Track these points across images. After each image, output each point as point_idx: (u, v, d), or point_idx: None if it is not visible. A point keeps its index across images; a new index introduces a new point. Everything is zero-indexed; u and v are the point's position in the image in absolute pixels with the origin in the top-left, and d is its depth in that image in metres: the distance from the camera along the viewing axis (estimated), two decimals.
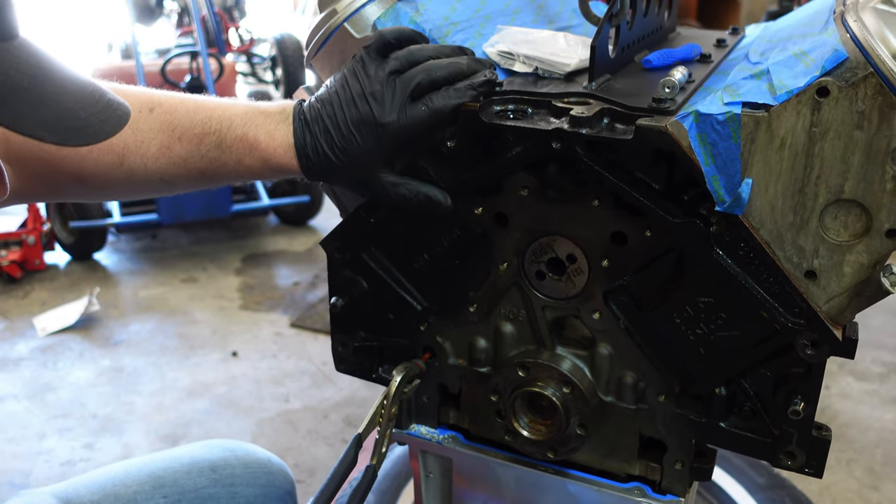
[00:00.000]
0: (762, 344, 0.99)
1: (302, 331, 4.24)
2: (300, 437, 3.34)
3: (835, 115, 0.86)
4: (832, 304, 0.94)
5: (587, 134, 0.95)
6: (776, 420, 1.03)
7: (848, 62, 0.86)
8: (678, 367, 1.05)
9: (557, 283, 1.10)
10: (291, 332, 4.24)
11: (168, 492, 1.31)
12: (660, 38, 1.38)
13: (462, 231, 1.12)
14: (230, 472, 1.38)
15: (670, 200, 0.97)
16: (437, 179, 1.07)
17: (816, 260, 0.93)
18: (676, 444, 1.12)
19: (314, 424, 3.43)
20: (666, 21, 1.40)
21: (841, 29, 0.89)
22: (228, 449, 1.44)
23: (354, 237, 1.17)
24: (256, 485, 1.40)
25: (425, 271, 1.16)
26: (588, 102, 1.00)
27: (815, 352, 0.95)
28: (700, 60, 1.19)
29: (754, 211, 0.94)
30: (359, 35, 1.11)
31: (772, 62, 0.93)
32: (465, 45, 1.16)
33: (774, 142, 0.90)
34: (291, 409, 3.54)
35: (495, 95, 1.04)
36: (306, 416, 3.48)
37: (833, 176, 0.89)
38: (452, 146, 1.05)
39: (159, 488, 1.31)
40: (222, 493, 1.35)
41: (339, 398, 3.61)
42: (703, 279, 0.98)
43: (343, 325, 1.24)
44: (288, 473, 1.52)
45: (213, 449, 1.43)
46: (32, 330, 4.27)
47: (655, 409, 1.11)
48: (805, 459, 1.03)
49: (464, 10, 1.22)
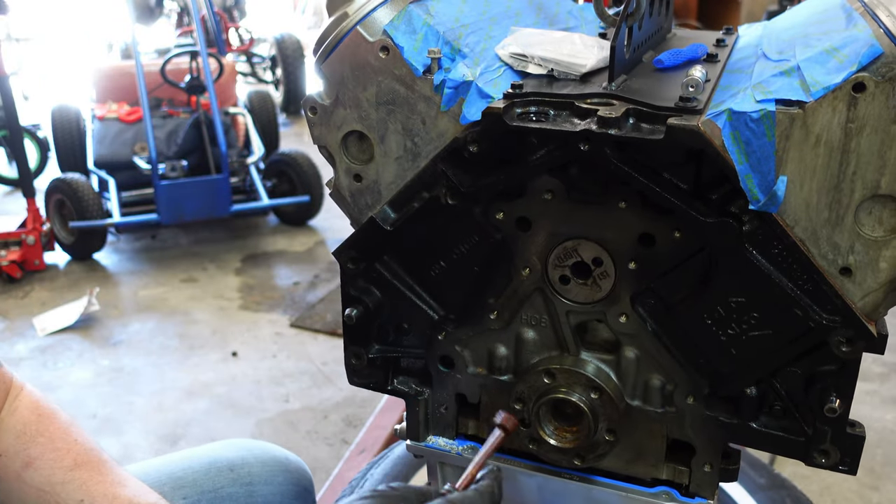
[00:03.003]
0: (795, 342, 0.98)
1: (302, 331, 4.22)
2: (300, 437, 3.31)
3: (871, 111, 0.86)
4: (868, 299, 0.94)
5: (616, 135, 0.94)
6: (809, 418, 1.02)
7: (883, 57, 0.86)
8: (708, 368, 1.04)
9: (583, 288, 1.09)
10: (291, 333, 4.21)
11: (188, 492, 1.30)
12: (660, 38, 1.38)
13: (482, 237, 1.09)
14: (248, 471, 1.36)
15: (700, 200, 0.96)
16: (457, 185, 1.05)
17: (852, 256, 0.93)
18: (705, 447, 1.11)
19: (314, 425, 3.40)
20: (665, 22, 1.40)
21: (873, 24, 0.89)
22: (246, 448, 1.42)
23: (368, 246, 1.14)
24: (274, 483, 1.38)
25: (443, 279, 1.14)
26: (612, 103, 0.99)
27: (851, 348, 0.95)
28: (707, 60, 1.19)
29: (789, 209, 0.93)
30: (372, 39, 1.08)
31: (800, 59, 0.93)
32: (477, 47, 1.14)
33: (809, 138, 0.89)
34: (291, 410, 3.51)
35: (516, 98, 1.02)
36: (306, 417, 3.46)
37: (869, 171, 0.89)
38: (475, 150, 1.02)
39: (179, 489, 1.29)
40: (240, 492, 1.33)
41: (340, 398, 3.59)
42: (736, 279, 0.97)
43: (357, 337, 1.20)
44: (306, 471, 1.50)
45: (231, 448, 1.40)
46: (32, 330, 4.22)
47: (684, 411, 1.10)
48: (839, 457, 1.02)
49: (470, 12, 1.20)
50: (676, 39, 1.44)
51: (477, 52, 1.12)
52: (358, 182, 1.15)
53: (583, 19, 1.44)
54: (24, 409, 1.07)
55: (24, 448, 1.04)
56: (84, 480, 1.04)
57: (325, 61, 1.12)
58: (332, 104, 1.13)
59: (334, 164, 1.16)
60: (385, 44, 1.07)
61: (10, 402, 1.07)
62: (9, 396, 1.06)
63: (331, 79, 1.12)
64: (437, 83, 1.06)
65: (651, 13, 1.24)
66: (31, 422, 1.07)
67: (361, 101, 1.11)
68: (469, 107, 1.05)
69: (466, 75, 1.06)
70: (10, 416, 1.05)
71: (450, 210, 1.08)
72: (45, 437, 1.06)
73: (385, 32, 1.09)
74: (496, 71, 1.10)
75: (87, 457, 1.07)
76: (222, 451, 1.40)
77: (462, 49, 1.11)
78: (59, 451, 1.05)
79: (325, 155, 1.16)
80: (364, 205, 1.17)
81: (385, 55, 1.08)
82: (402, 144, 1.11)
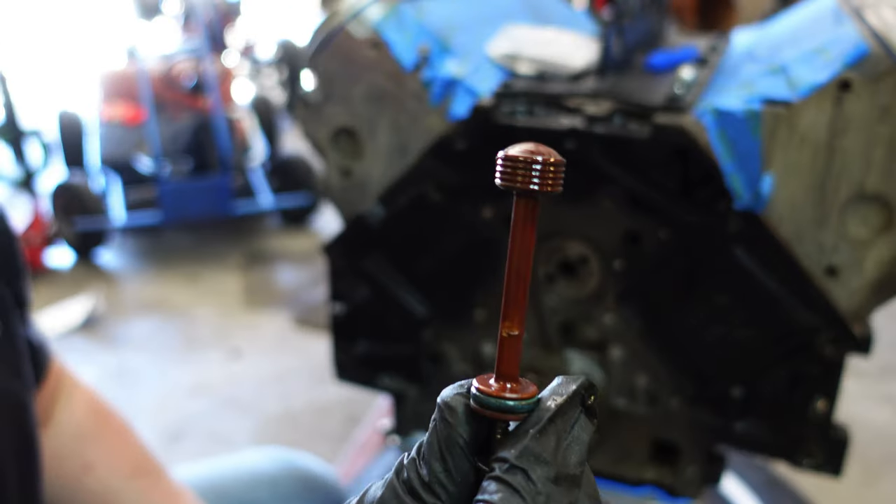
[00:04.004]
0: (780, 343, 0.98)
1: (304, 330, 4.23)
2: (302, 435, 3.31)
3: (857, 110, 0.86)
4: (853, 300, 0.94)
5: (602, 132, 0.94)
6: (793, 420, 1.02)
7: (869, 57, 0.85)
8: (693, 368, 1.04)
9: (569, 286, 1.09)
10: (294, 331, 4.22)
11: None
12: (651, 41, 1.38)
13: (469, 234, 1.10)
14: (289, 488, 1.35)
15: (685, 199, 0.96)
16: (445, 182, 1.05)
17: (837, 256, 0.93)
18: (690, 447, 1.11)
19: (316, 423, 3.40)
20: (656, 25, 1.40)
21: (860, 24, 0.89)
22: (289, 461, 1.41)
23: (356, 243, 1.15)
24: (313, 500, 1.37)
25: (430, 276, 1.14)
26: (599, 102, 0.99)
27: (835, 349, 0.95)
28: (698, 62, 1.19)
29: (774, 208, 0.93)
30: (362, 36, 1.08)
31: (787, 58, 0.93)
32: (467, 45, 1.14)
33: (795, 137, 0.89)
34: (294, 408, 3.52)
35: (504, 96, 1.02)
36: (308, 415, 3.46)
37: (855, 171, 0.88)
38: (462, 147, 1.02)
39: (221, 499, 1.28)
40: None
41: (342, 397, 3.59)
42: (720, 278, 0.97)
43: (345, 333, 1.21)
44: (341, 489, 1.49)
45: (274, 461, 1.40)
46: None
47: (669, 411, 1.10)
48: (823, 459, 1.02)
49: (461, 10, 1.21)
50: (670, 42, 1.45)
51: (467, 50, 1.12)
52: (347, 178, 1.15)
53: (574, 20, 1.45)
54: (80, 409, 1.03)
55: (83, 451, 1.01)
56: (143, 489, 1.02)
57: (316, 57, 1.13)
58: (322, 100, 1.13)
59: (324, 159, 1.17)
60: (375, 41, 1.08)
61: (65, 400, 1.02)
62: (63, 394, 1.02)
63: (322, 75, 1.13)
64: (427, 80, 1.06)
65: (642, 15, 1.25)
66: (88, 423, 1.03)
67: (351, 98, 1.11)
68: (457, 104, 1.05)
69: (455, 73, 1.06)
70: (66, 416, 1.01)
71: (437, 207, 1.08)
72: (104, 440, 1.03)
73: (375, 29, 1.09)
74: (485, 69, 1.10)
75: (144, 464, 1.05)
76: (266, 464, 1.39)
77: (452, 47, 1.11)
78: (118, 456, 1.03)
79: (316, 150, 1.17)
80: (353, 201, 1.17)
81: (375, 52, 1.08)
82: (390, 141, 1.11)
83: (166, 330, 4.35)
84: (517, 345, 0.39)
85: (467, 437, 0.38)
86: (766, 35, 1.20)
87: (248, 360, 4.02)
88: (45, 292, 4.75)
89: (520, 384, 0.39)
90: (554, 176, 0.36)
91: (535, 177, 0.36)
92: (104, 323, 4.40)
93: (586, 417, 0.38)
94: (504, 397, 0.37)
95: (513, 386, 0.38)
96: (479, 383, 0.38)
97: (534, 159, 0.36)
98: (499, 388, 0.38)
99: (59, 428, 1.00)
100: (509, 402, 0.37)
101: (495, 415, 0.38)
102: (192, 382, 3.84)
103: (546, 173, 0.36)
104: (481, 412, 0.38)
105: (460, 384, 0.40)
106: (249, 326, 4.38)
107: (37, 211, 5.02)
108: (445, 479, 0.38)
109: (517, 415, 0.38)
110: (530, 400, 0.38)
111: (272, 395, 3.66)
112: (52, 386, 0.98)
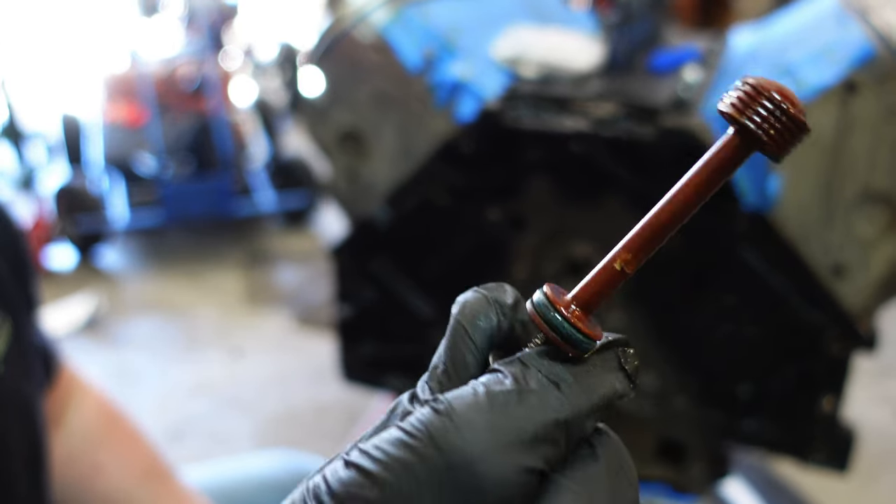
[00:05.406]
0: (787, 341, 0.99)
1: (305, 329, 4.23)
2: (303, 435, 3.32)
3: (863, 111, 0.87)
4: (859, 297, 0.94)
5: (609, 134, 0.95)
6: (800, 417, 1.03)
7: (875, 59, 0.86)
8: (701, 366, 1.05)
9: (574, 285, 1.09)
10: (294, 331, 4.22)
11: None
12: (652, 40, 1.38)
13: (476, 236, 1.10)
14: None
15: None
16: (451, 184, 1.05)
17: (843, 255, 0.93)
18: (697, 445, 1.11)
19: (317, 422, 3.41)
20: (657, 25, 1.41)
21: (865, 26, 0.89)
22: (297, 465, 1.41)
23: (363, 245, 1.15)
24: None
25: (437, 278, 1.15)
26: (605, 104, 0.99)
27: (842, 347, 0.95)
28: (700, 62, 1.20)
29: (780, 208, 0.94)
30: (368, 39, 1.09)
31: (793, 59, 0.94)
32: (472, 48, 1.15)
33: None
34: (294, 407, 3.52)
35: (510, 98, 1.03)
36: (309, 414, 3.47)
37: (860, 171, 0.89)
38: (469, 150, 1.03)
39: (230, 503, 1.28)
40: None
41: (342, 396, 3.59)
42: (728, 278, 0.98)
43: (351, 334, 1.21)
44: None
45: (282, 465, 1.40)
46: None
47: (676, 409, 1.10)
48: (830, 455, 1.02)
49: (466, 14, 1.21)
50: (672, 42, 1.45)
51: (472, 53, 1.13)
52: (353, 180, 1.16)
53: (575, 20, 1.45)
54: (91, 412, 1.03)
55: (93, 453, 1.01)
56: (153, 492, 1.02)
57: (322, 61, 1.13)
58: (328, 103, 1.13)
59: (330, 162, 1.17)
60: (381, 45, 1.08)
61: (76, 402, 1.02)
62: (75, 397, 1.02)
63: (328, 78, 1.13)
64: (432, 83, 1.07)
65: (645, 16, 1.25)
66: (99, 426, 1.03)
67: (357, 101, 1.11)
68: (464, 107, 1.06)
69: (461, 76, 1.07)
70: (77, 419, 1.01)
71: (444, 209, 1.08)
72: (114, 443, 1.03)
73: (381, 33, 1.10)
74: (490, 71, 1.10)
75: (154, 467, 1.04)
76: (272, 467, 1.40)
77: (457, 50, 1.11)
78: (128, 459, 1.03)
79: (322, 153, 1.17)
80: (359, 203, 1.18)
81: (380, 56, 1.08)
82: (396, 143, 1.11)
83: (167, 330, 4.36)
84: (618, 283, 0.32)
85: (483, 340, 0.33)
86: (768, 35, 1.21)
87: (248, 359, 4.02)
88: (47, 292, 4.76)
89: (590, 321, 0.32)
90: (792, 140, 0.29)
91: (776, 130, 0.29)
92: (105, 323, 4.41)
93: (624, 375, 0.32)
94: (578, 327, 0.31)
95: (584, 319, 0.32)
96: (552, 293, 0.32)
97: (787, 110, 0.29)
98: (576, 315, 0.32)
99: (70, 430, 1.01)
100: (579, 335, 0.31)
101: (552, 335, 0.32)
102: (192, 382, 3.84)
103: (788, 133, 0.30)
104: (539, 324, 0.32)
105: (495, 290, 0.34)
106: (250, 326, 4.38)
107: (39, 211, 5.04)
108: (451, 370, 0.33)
109: (575, 350, 0.31)
110: (594, 342, 0.32)
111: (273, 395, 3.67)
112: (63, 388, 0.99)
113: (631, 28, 1.13)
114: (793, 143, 0.29)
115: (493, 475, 0.27)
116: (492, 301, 0.34)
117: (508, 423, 0.28)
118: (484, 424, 0.28)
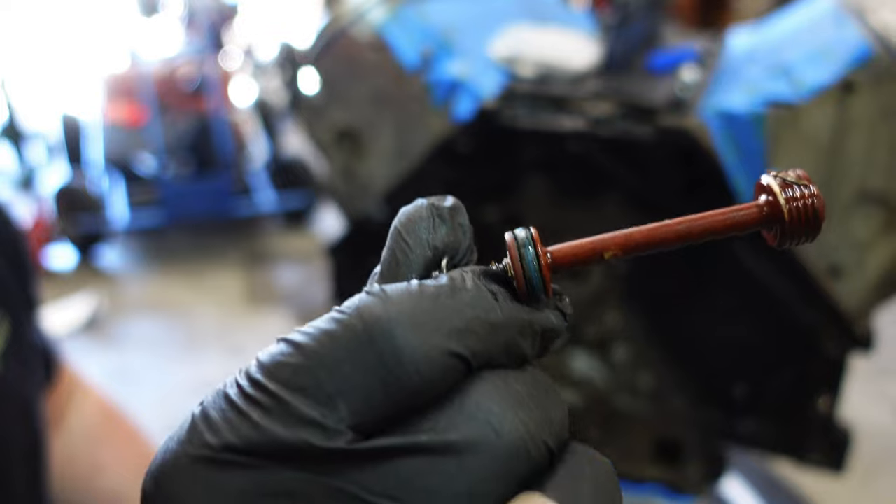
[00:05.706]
0: (784, 341, 0.98)
1: None
2: None
3: (860, 111, 0.86)
4: (855, 298, 0.94)
5: (606, 133, 0.95)
6: (797, 417, 1.02)
7: (872, 59, 0.86)
8: (698, 366, 1.05)
9: (572, 285, 1.09)
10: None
11: None
12: (651, 40, 1.38)
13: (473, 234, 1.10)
14: None
15: (689, 198, 0.97)
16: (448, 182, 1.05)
17: (840, 256, 0.93)
18: (693, 445, 1.11)
19: None
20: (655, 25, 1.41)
21: (862, 26, 0.89)
22: None
23: (361, 244, 1.15)
24: None
25: None
26: (603, 103, 0.99)
27: (839, 347, 0.95)
28: (698, 62, 1.19)
29: None
30: (365, 38, 1.09)
31: (791, 60, 0.94)
32: (469, 47, 1.15)
33: (799, 138, 0.90)
34: None
35: (507, 97, 1.03)
36: None
37: (857, 172, 0.89)
38: (466, 149, 1.03)
39: None
40: None
41: None
42: (725, 278, 0.98)
43: None
44: None
45: None
46: None
47: (673, 409, 1.10)
48: (827, 455, 1.02)
49: (463, 13, 1.21)
50: (670, 42, 1.45)
51: (469, 52, 1.13)
52: (350, 179, 1.16)
53: (573, 20, 1.45)
54: (91, 412, 1.03)
55: (94, 453, 1.01)
56: None
57: (319, 60, 1.13)
58: (325, 101, 1.13)
59: (327, 161, 1.17)
60: (378, 43, 1.08)
61: (77, 402, 1.02)
62: (75, 396, 1.02)
63: (325, 77, 1.13)
64: (430, 82, 1.07)
65: (644, 16, 1.25)
66: (99, 425, 1.03)
67: (354, 99, 1.11)
68: (461, 106, 1.05)
69: (458, 75, 1.07)
70: (78, 419, 1.01)
71: None
72: (115, 442, 1.03)
73: (378, 32, 1.10)
74: (488, 71, 1.10)
75: None
76: None
77: (454, 49, 1.11)
78: (128, 458, 1.02)
79: (319, 151, 1.17)
80: (356, 201, 1.18)
81: (378, 55, 1.08)
82: (393, 142, 1.11)
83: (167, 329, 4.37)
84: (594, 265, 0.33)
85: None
86: (765, 36, 1.21)
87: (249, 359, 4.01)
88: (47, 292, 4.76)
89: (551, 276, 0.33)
90: (805, 234, 0.31)
91: (800, 219, 0.31)
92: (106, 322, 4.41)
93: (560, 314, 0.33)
94: (543, 272, 0.32)
95: (549, 270, 0.32)
96: (537, 235, 0.33)
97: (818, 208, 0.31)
98: (546, 262, 0.32)
99: (71, 430, 1.01)
100: (539, 276, 0.32)
101: (517, 265, 0.32)
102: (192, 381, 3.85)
103: (808, 227, 0.31)
104: (510, 250, 0.33)
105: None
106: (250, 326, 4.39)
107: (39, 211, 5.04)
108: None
109: (526, 289, 0.32)
110: (545, 293, 0.32)
111: None
112: (63, 388, 0.98)
113: (629, 28, 1.13)
114: (804, 237, 0.31)
115: (414, 351, 0.28)
116: (428, 205, 0.35)
117: (436, 309, 0.29)
118: (411, 305, 0.29)
